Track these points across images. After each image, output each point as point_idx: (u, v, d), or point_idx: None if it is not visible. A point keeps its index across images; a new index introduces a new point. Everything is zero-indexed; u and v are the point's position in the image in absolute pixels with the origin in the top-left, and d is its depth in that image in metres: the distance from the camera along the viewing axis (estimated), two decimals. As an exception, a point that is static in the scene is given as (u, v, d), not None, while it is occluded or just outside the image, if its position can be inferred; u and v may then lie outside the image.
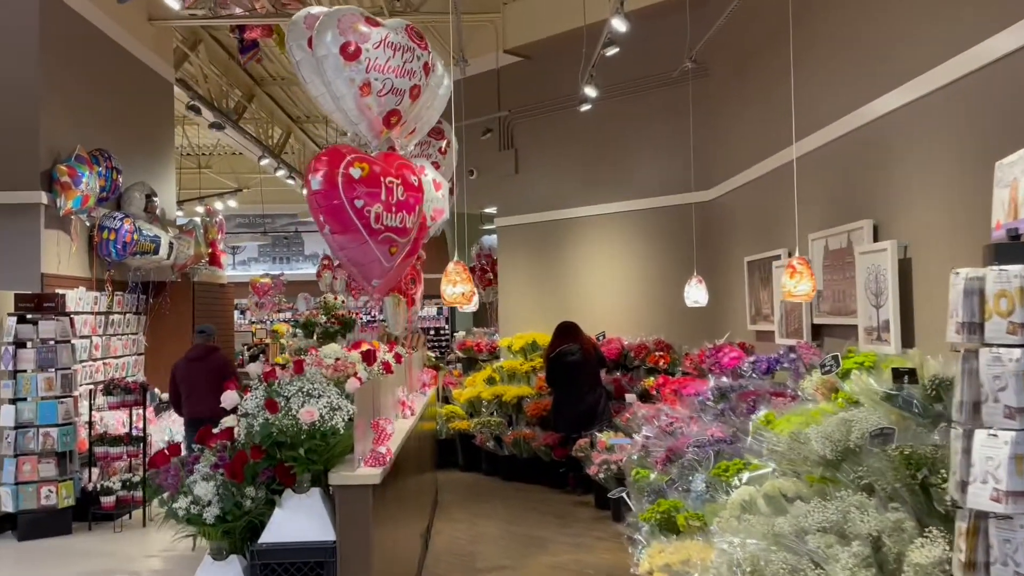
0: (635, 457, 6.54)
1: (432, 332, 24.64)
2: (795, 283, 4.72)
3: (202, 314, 10.43)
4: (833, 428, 3.81)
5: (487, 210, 14.11)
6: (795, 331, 6.21)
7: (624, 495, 6.58)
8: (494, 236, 17.74)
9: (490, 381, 9.91)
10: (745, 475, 4.54)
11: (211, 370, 7.12)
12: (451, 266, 4.99)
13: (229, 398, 3.47)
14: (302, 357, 3.81)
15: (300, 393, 3.44)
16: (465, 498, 8.18)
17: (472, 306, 7.32)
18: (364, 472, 3.50)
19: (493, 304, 15.74)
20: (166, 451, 3.58)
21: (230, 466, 3.37)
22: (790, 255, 6.49)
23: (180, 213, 15.29)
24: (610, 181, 9.74)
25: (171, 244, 9.55)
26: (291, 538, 3.45)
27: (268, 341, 14.36)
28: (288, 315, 20.78)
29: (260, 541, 3.47)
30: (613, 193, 9.67)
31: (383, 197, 3.59)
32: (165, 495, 3.56)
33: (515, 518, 7.37)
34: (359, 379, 3.67)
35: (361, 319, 20.65)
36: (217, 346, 7.86)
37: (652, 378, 8.45)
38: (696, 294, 7.20)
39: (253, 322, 18.63)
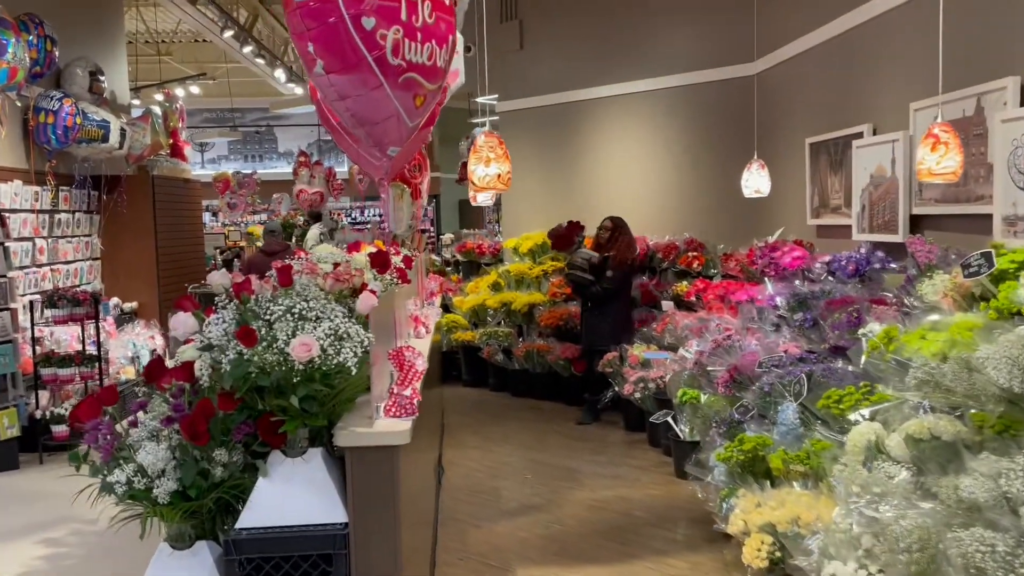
0: (685, 375, 5.54)
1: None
2: (937, 158, 3.59)
3: (165, 212, 9.16)
4: (1021, 350, 2.77)
5: (481, 99, 12.74)
6: (884, 225, 5.13)
7: (670, 419, 5.62)
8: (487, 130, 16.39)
9: (495, 287, 8.83)
10: (864, 409, 3.52)
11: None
12: (482, 139, 3.81)
13: (181, 322, 2.33)
14: (288, 262, 2.66)
15: (289, 315, 2.31)
16: (474, 420, 7.20)
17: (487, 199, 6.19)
18: (387, 426, 2.41)
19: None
20: (95, 396, 2.46)
21: (188, 421, 2.27)
22: (875, 131, 5.35)
23: (136, 102, 13.74)
24: (631, 55, 8.42)
25: (123, 131, 8.19)
26: (283, 520, 2.39)
27: (243, 244, 13.12)
28: (263, 216, 19.44)
29: (239, 526, 2.40)
30: (635, 69, 8.37)
31: (404, 16, 2.34)
32: (96, 460, 2.47)
33: (535, 444, 6.41)
34: (373, 293, 2.54)
35: (344, 220, 19.37)
36: (287, 244, 8.26)
37: (685, 282, 7.40)
38: (757, 181, 6.06)
39: (226, 224, 17.26)
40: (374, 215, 23.93)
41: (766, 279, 5.86)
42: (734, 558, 3.78)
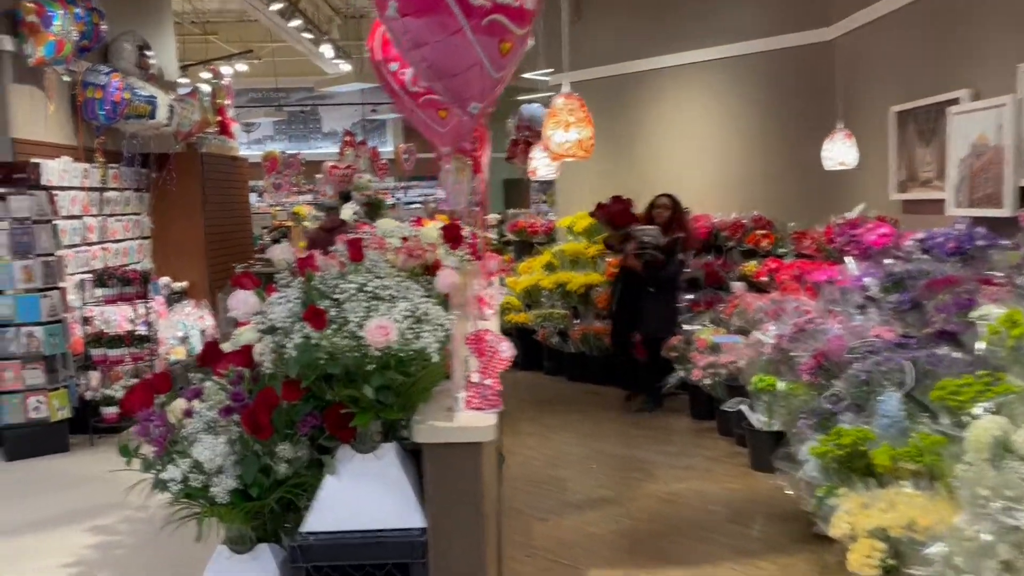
0: (763, 360, 5.19)
1: (460, 214, 23.18)
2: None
3: (214, 190, 9.01)
4: None
5: (527, 75, 12.39)
6: (986, 198, 4.70)
7: (744, 408, 5.28)
8: (535, 106, 16.03)
9: (549, 268, 8.53)
10: (987, 401, 3.16)
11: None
12: (560, 101, 3.49)
13: (241, 301, 2.06)
14: (358, 235, 2.38)
15: (361, 294, 2.03)
16: (531, 405, 6.92)
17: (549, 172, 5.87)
18: (469, 420, 2.14)
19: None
20: (147, 383, 2.22)
21: (249, 413, 2.01)
22: (977, 96, 4.92)
23: (184, 80, 13.64)
24: (694, 23, 8.00)
25: (171, 107, 8.02)
26: (354, 523, 2.12)
27: (290, 224, 12.96)
28: (308, 197, 19.34)
29: (305, 529, 2.15)
30: (698, 38, 7.94)
31: (487, -53, 2.04)
32: (148, 453, 2.23)
33: (596, 431, 6.11)
34: (451, 270, 2.25)
35: (391, 200, 19.15)
36: (347, 222, 8.39)
37: (753, 262, 7.02)
38: (842, 152, 5.65)
39: (272, 204, 17.17)
40: (417, 196, 23.74)
41: (847, 259, 5.47)
42: (836, 562, 3.45)
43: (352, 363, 1.99)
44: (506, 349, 2.21)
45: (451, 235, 2.61)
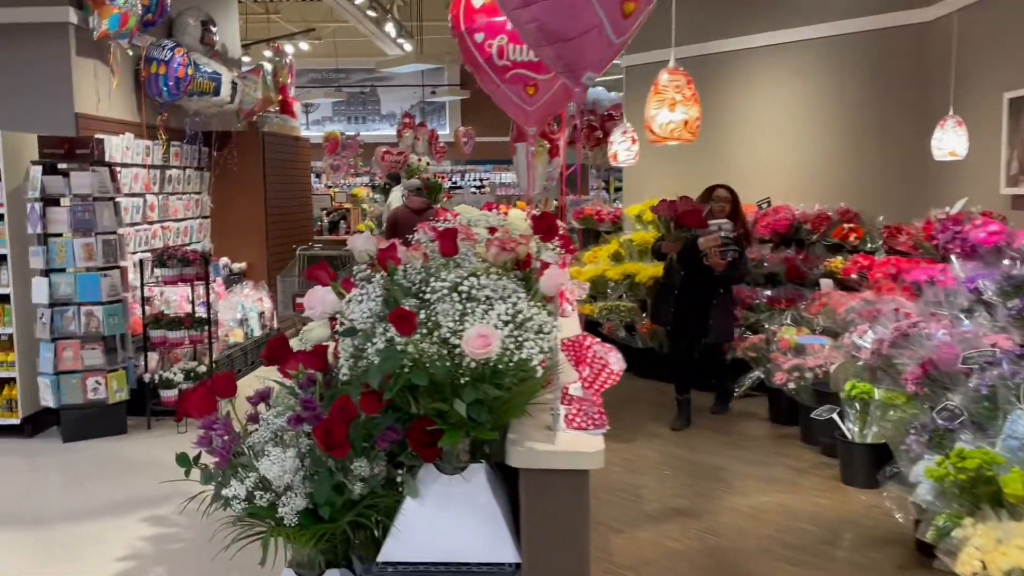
0: (859, 365, 4.80)
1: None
2: None
3: (275, 170, 8.86)
4: None
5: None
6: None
7: (835, 416, 4.90)
8: (599, 89, 15.62)
9: (615, 258, 8.17)
10: None
11: (426, 220, 8.59)
12: (665, 77, 3.16)
13: (318, 299, 1.77)
14: (450, 224, 2.10)
15: (455, 295, 1.75)
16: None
17: (629, 158, 5.54)
18: (574, 443, 1.84)
19: (600, 167, 13.82)
20: (209, 385, 1.97)
21: (324, 427, 1.75)
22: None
23: (247, 59, 13.56)
24: (780, 1, 7.55)
25: (234, 84, 7.87)
26: (438, 554, 1.85)
27: (348, 206, 12.83)
28: (365, 179, 19.25)
29: (383, 559, 1.88)
30: (783, 17, 7.49)
31: None
32: (209, 464, 1.99)
33: (669, 433, 5.78)
34: (550, 266, 1.95)
35: (448, 183, 18.97)
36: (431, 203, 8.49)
37: (838, 258, 6.58)
38: (952, 141, 5.20)
39: (329, 186, 17.07)
40: (473, 179, 23.50)
41: (952, 257, 5.03)
42: (960, 603, 3.08)
43: (442, 374, 1.70)
44: (616, 361, 1.91)
45: (544, 225, 2.31)
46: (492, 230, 2.39)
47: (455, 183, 22.50)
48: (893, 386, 4.57)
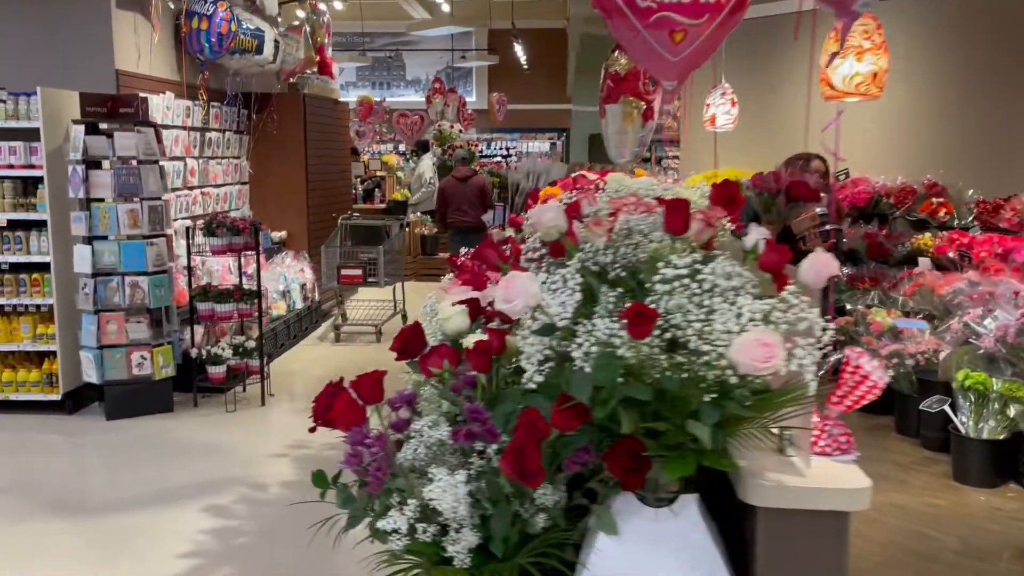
0: (979, 351, 4.40)
1: (546, 169, 22.40)
2: None
3: (316, 135, 8.45)
4: None
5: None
6: None
7: (947, 408, 4.51)
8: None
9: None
10: None
11: (474, 190, 8.74)
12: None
13: (520, 290, 1.38)
14: (658, 194, 1.69)
15: (693, 287, 1.35)
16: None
17: (727, 123, 5.10)
18: (829, 476, 1.46)
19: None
20: (357, 389, 1.60)
21: (515, 451, 1.38)
22: None
23: (280, 19, 13.09)
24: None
25: (276, 43, 7.45)
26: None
27: (383, 174, 12.43)
28: (390, 146, 18.81)
29: (575, 612, 1.51)
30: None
31: None
32: (355, 488, 1.63)
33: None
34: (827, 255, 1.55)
35: (480, 151, 18.52)
36: (476, 170, 9.31)
37: (927, 235, 6.15)
38: None
39: (362, 153, 16.66)
40: (500, 148, 22.98)
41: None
42: None
43: (674, 388, 1.32)
44: (877, 372, 1.52)
45: (726, 195, 1.90)
46: (661, 201, 2.00)
47: (481, 152, 22.01)
48: (1017, 377, 4.18)
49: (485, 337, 1.82)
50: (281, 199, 8.18)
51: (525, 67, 19.15)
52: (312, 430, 1.66)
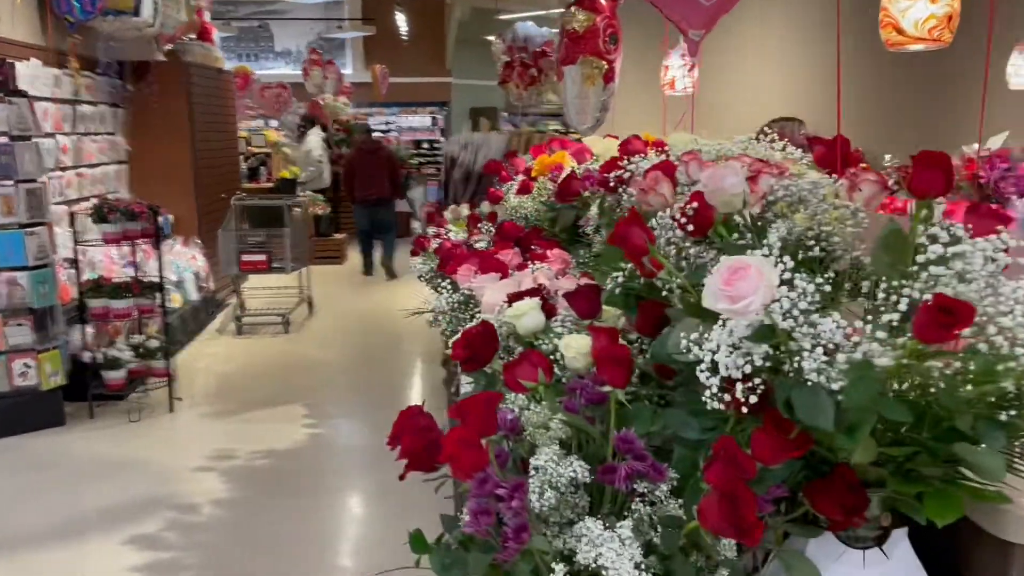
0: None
1: (426, 146, 21.84)
2: None
3: (202, 107, 7.68)
4: None
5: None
6: None
7: None
8: (529, 24, 14.74)
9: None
10: None
11: (383, 162, 8.95)
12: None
13: (757, 282, 1.03)
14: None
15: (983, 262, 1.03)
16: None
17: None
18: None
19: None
20: (471, 418, 1.20)
21: (726, 497, 1.02)
22: None
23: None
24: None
25: (155, 3, 6.64)
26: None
27: (268, 151, 11.63)
28: (261, 122, 17.79)
29: None
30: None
31: None
32: (479, 546, 1.23)
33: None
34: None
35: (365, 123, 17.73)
36: (381, 142, 9.52)
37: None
38: None
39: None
40: (380, 123, 22.16)
41: (1013, 198, 4.65)
42: None
43: (953, 403, 1.00)
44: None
45: (831, 154, 1.61)
46: (762, 162, 1.68)
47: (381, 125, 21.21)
48: None
49: (587, 338, 1.46)
50: (165, 179, 7.38)
51: (404, 38, 18.50)
52: (402, 477, 1.24)
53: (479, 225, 3.17)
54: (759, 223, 1.25)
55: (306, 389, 5.58)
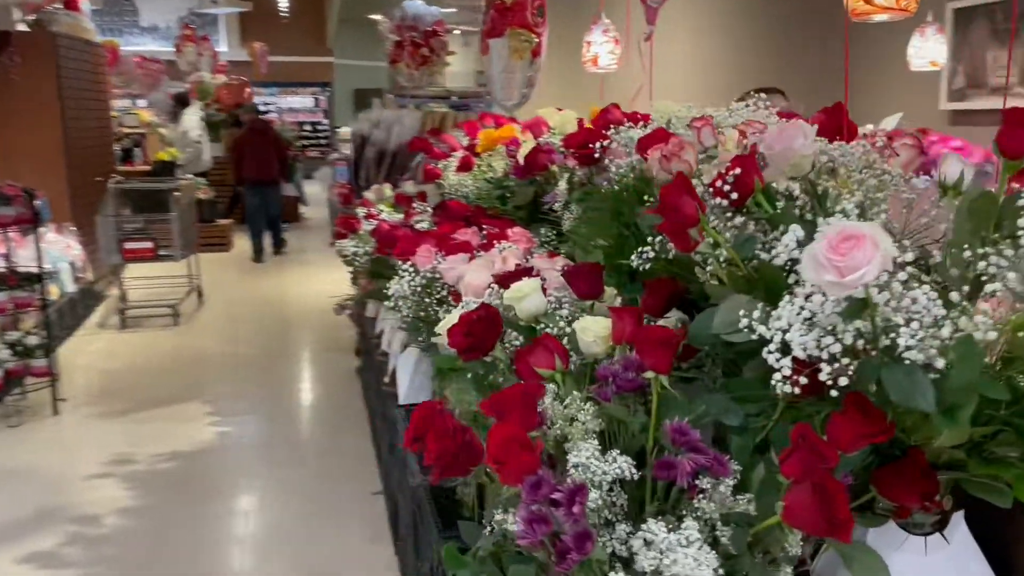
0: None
1: (310, 128, 21.12)
2: None
3: (71, 81, 7.07)
4: None
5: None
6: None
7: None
8: (418, 3, 14.43)
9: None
10: None
11: (272, 142, 8.80)
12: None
13: (871, 250, 0.90)
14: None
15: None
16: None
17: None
18: None
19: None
20: (499, 406, 1.05)
21: (817, 492, 0.91)
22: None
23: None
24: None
25: (18, -34, 6.04)
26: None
27: (143, 131, 10.90)
28: (127, 103, 16.75)
29: None
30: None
31: None
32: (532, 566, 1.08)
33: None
34: None
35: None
36: (270, 122, 9.46)
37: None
38: (933, 50, 4.89)
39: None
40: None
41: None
42: None
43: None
44: None
45: (835, 124, 1.55)
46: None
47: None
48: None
49: (605, 320, 1.34)
50: (32, 160, 6.75)
51: (284, 14, 17.79)
52: (434, 483, 1.08)
53: (413, 205, 3.00)
54: (816, 190, 1.15)
55: (205, 384, 5.23)
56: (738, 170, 1.17)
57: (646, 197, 1.54)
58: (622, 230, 1.70)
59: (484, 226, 2.25)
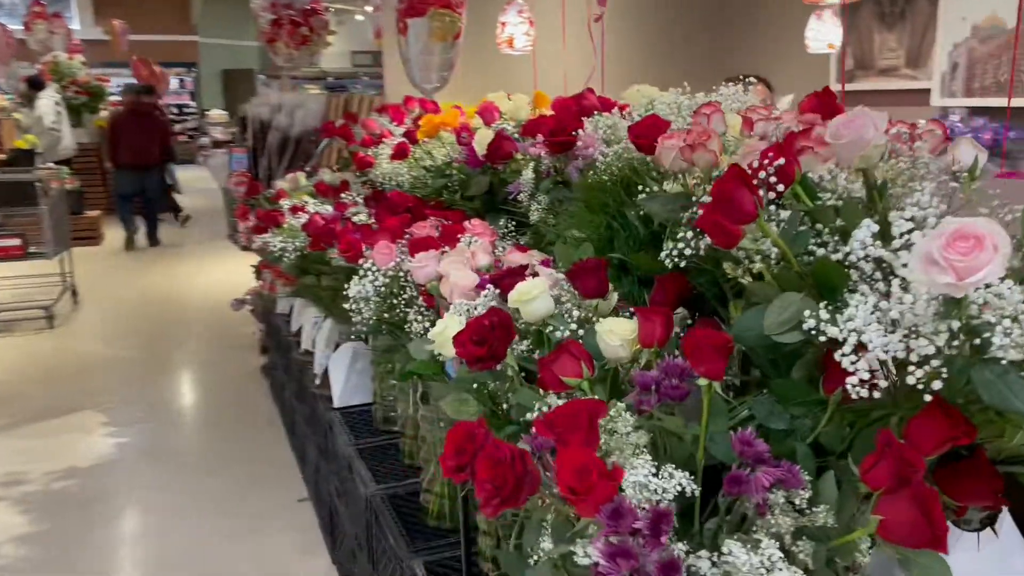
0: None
1: (175, 111, 19.98)
2: None
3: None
4: None
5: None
6: (994, 87, 4.41)
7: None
8: (292, -21, 13.87)
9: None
10: None
11: (155, 124, 8.44)
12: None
13: (992, 249, 0.82)
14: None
15: None
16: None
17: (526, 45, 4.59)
18: None
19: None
20: (557, 425, 0.95)
21: (917, 502, 0.87)
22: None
23: None
24: None
25: None
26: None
27: (-4, 118, 9.97)
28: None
29: None
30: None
31: None
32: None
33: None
34: None
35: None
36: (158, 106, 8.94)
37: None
38: (829, 32, 4.99)
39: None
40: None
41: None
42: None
43: None
44: None
45: (830, 108, 1.52)
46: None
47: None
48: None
49: (630, 322, 1.26)
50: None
51: (144, -10, 16.75)
52: (490, 516, 0.96)
53: (342, 196, 2.83)
54: (876, 181, 1.10)
55: (95, 391, 4.83)
56: (781, 160, 1.11)
57: (640, 187, 1.46)
58: (610, 222, 1.62)
59: (433, 218, 2.13)
